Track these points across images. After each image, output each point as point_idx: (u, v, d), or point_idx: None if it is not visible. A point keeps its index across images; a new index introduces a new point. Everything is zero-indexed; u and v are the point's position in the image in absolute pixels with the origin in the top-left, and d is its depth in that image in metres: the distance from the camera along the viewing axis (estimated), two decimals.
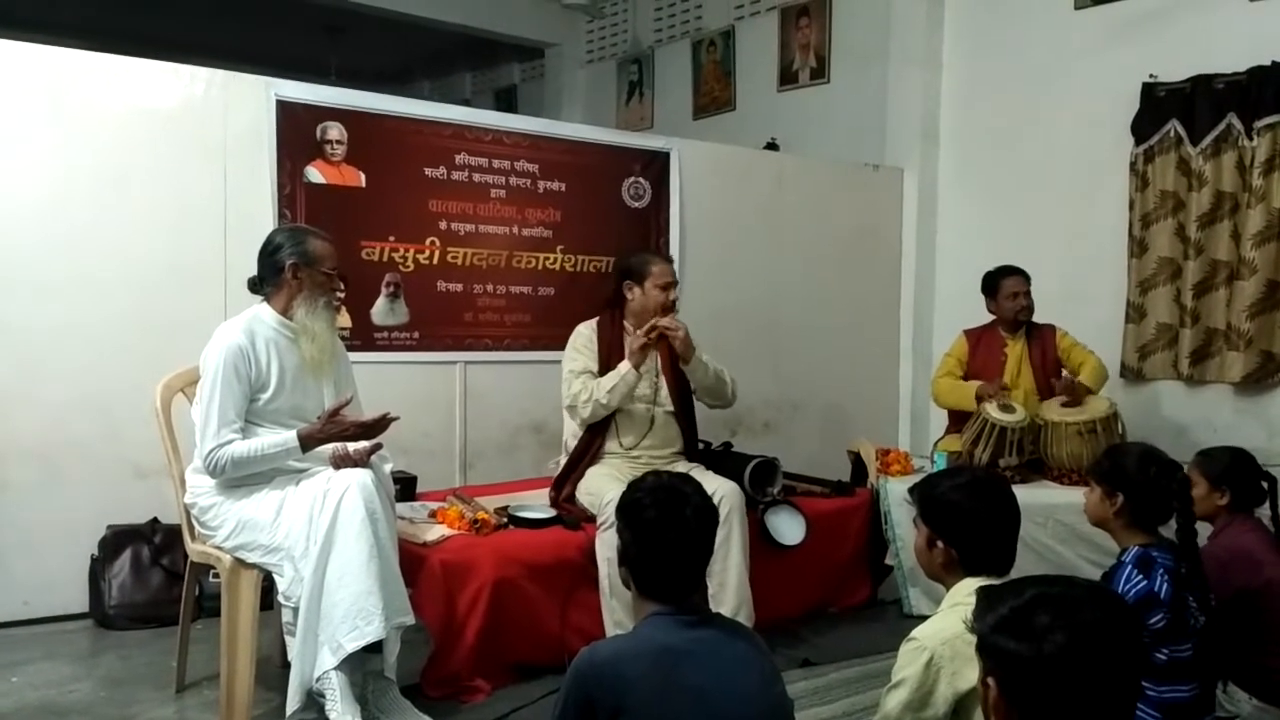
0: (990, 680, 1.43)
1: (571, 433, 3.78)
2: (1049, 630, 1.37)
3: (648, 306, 3.71)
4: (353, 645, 2.72)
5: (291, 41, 9.45)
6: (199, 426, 2.92)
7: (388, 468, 3.11)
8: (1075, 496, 2.74)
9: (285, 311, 3.04)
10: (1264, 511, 3.04)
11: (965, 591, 1.97)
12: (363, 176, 4.33)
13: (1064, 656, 1.35)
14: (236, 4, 8.15)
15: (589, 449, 3.71)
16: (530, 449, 4.79)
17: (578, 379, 3.67)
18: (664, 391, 3.77)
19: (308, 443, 2.90)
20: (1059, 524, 3.92)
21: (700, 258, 5.31)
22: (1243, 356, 4.80)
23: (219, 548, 2.95)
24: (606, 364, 3.69)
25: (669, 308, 3.71)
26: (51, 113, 3.73)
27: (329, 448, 2.97)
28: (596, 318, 3.84)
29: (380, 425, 2.97)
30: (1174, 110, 5.02)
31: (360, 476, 2.85)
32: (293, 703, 2.77)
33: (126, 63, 3.91)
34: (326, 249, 3.09)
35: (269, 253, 3.07)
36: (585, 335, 3.79)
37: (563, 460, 3.80)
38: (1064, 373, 4.49)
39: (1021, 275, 4.60)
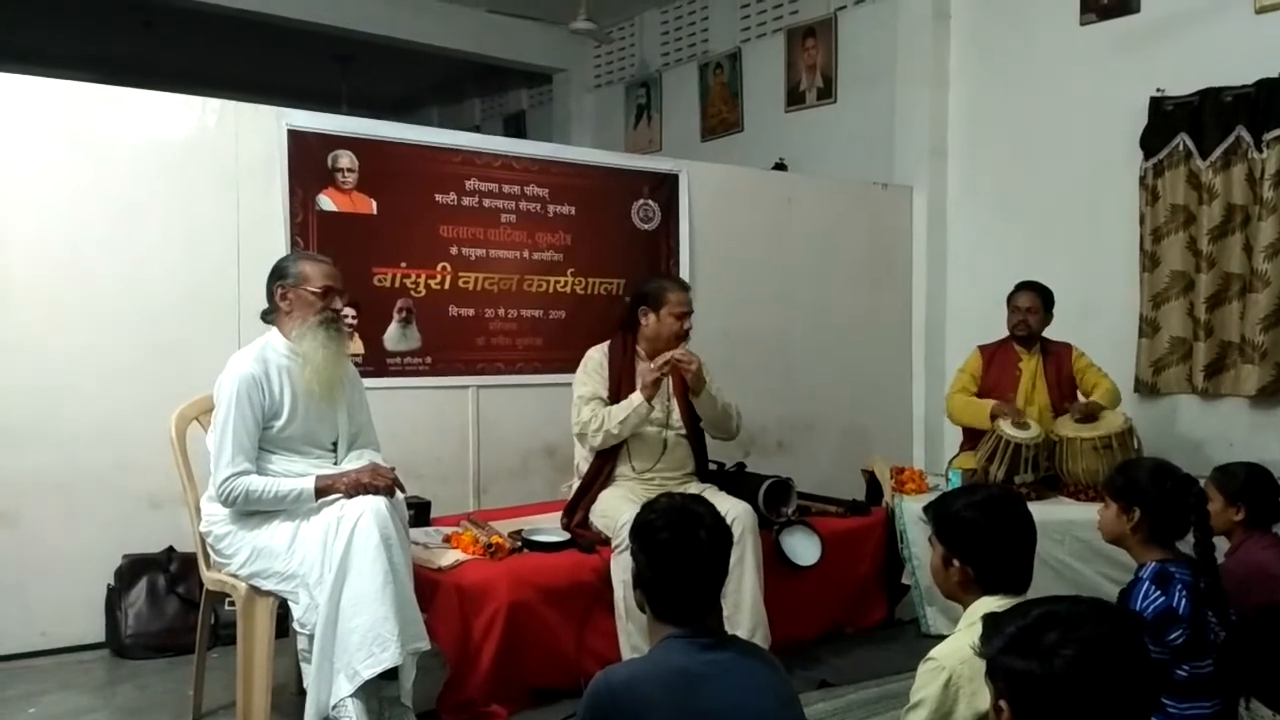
0: (1002, 703, 1.43)
1: (583, 456, 3.78)
2: (1058, 646, 1.38)
3: (661, 334, 3.70)
4: (369, 672, 2.72)
5: (302, 71, 9.54)
6: (213, 455, 2.93)
7: (401, 494, 3.11)
8: (1092, 512, 2.72)
9: (292, 338, 3.06)
10: None
11: (982, 610, 1.96)
12: (374, 204, 4.35)
13: (1074, 672, 1.36)
14: (247, 35, 8.23)
15: (600, 473, 3.70)
16: (543, 472, 4.79)
17: (587, 405, 3.67)
18: (675, 414, 3.77)
19: (322, 493, 2.91)
20: (1076, 540, 3.89)
21: (710, 279, 5.31)
22: (1257, 369, 4.77)
23: (234, 576, 2.96)
24: (617, 390, 3.68)
25: (682, 336, 3.71)
26: (66, 144, 3.77)
27: (343, 472, 2.99)
28: (608, 341, 3.84)
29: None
30: (1182, 124, 5.02)
31: (374, 503, 2.85)
32: None
33: (139, 95, 3.95)
34: (316, 269, 3.08)
35: (268, 281, 3.10)
36: (596, 360, 3.78)
37: (575, 484, 3.80)
38: (1079, 395, 4.47)
39: (1031, 291, 4.59)
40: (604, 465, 3.70)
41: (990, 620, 1.52)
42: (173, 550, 3.88)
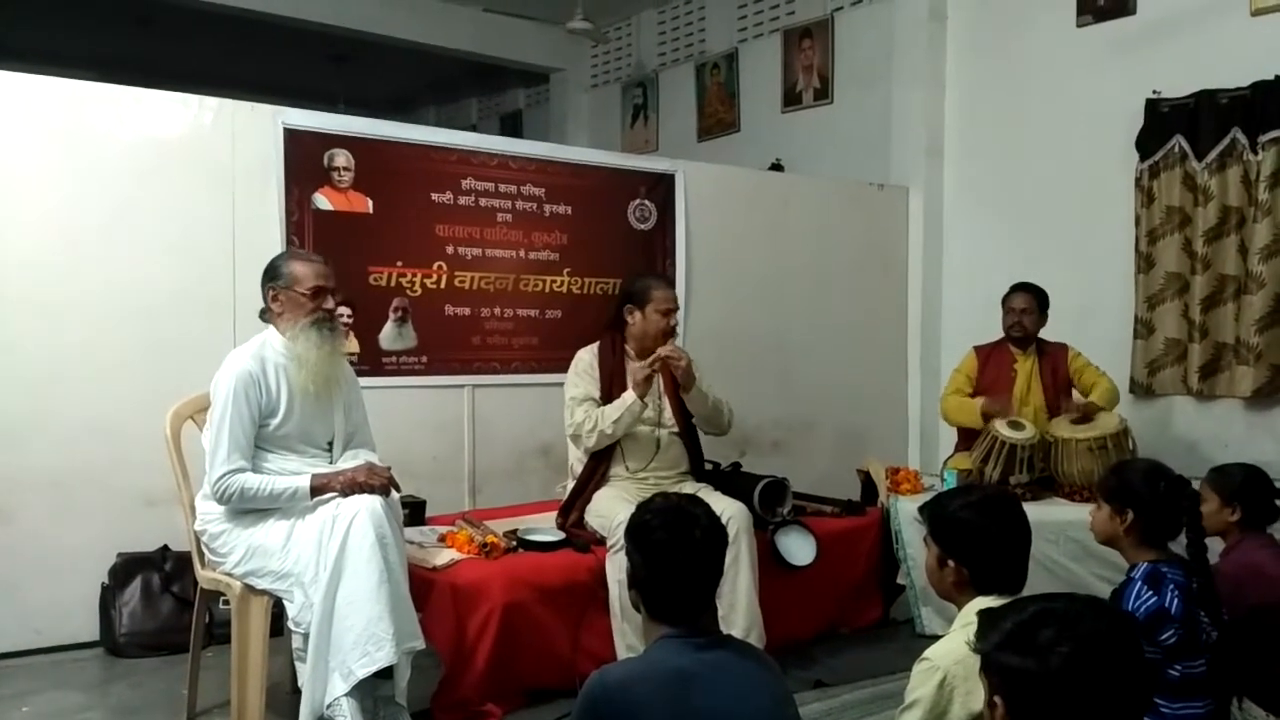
0: (997, 699, 1.43)
1: (577, 458, 3.78)
2: (1054, 644, 1.38)
3: (648, 331, 3.71)
4: (364, 671, 2.72)
5: (298, 70, 9.54)
6: (209, 453, 2.93)
7: (396, 493, 3.11)
8: (1087, 513, 2.72)
9: (287, 338, 3.05)
10: (1277, 528, 3.03)
11: (977, 610, 1.97)
12: (370, 203, 4.35)
13: (1070, 669, 1.36)
14: (242, 34, 8.23)
15: (595, 474, 3.70)
16: (539, 472, 4.79)
17: (580, 406, 3.67)
18: (667, 413, 3.77)
19: (318, 491, 2.91)
20: (1071, 541, 3.89)
21: (706, 279, 5.31)
22: (1252, 371, 4.79)
23: (229, 574, 2.95)
24: (608, 390, 3.69)
25: (669, 333, 3.72)
26: (62, 142, 3.76)
27: (338, 471, 2.99)
28: (597, 342, 3.84)
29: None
30: (1178, 126, 5.03)
31: (369, 502, 2.85)
32: None
33: (135, 93, 3.94)
34: (307, 269, 3.07)
35: (262, 281, 3.10)
36: (586, 361, 3.79)
37: (569, 485, 3.80)
38: (1074, 395, 4.48)
39: (1026, 292, 4.60)
40: (598, 465, 3.70)
41: (986, 616, 1.52)
42: (167, 549, 3.87)
